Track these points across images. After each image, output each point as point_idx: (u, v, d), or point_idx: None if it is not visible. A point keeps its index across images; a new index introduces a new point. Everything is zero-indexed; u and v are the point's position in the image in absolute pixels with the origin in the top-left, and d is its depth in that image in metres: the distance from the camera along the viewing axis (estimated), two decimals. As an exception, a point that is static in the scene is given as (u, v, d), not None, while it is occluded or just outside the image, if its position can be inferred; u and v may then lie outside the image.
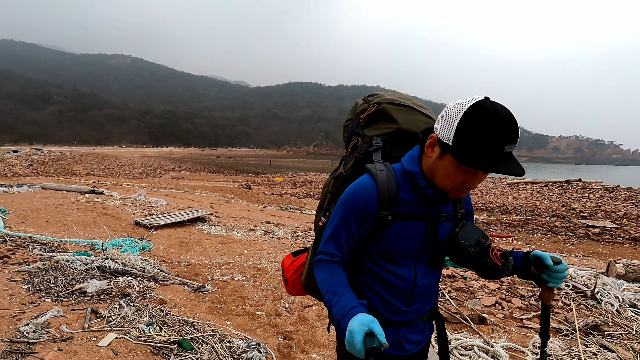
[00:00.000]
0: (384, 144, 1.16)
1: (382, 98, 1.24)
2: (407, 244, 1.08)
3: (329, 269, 1.05)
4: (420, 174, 1.04)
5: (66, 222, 6.47)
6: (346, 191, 1.09)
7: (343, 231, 1.07)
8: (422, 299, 1.16)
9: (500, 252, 1.06)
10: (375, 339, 0.81)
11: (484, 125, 0.87)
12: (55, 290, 3.23)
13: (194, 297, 3.56)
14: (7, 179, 14.94)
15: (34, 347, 2.34)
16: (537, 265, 1.06)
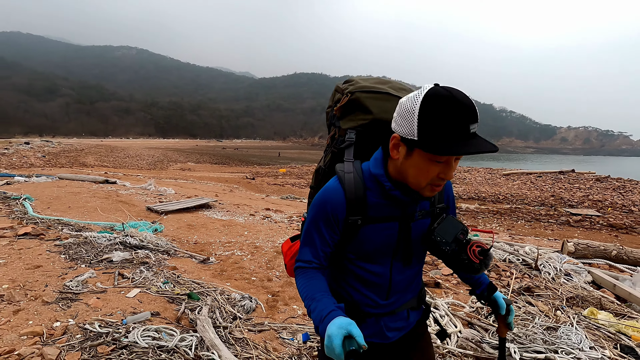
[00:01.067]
0: (358, 137, 1.12)
1: (357, 86, 1.19)
2: (382, 243, 1.07)
3: (306, 276, 1.05)
4: (384, 176, 1.01)
5: (86, 207, 7.23)
6: (316, 196, 1.08)
7: (316, 237, 1.06)
8: (400, 292, 1.16)
9: (480, 249, 1.02)
10: (354, 341, 0.82)
11: (445, 110, 0.85)
12: (87, 259, 3.97)
13: (200, 267, 4.27)
14: (25, 169, 15.81)
15: (78, 296, 3.06)
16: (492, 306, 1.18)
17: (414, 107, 0.88)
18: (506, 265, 4.42)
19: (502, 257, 4.61)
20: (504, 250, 4.87)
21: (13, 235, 4.76)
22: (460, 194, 14.00)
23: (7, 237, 4.64)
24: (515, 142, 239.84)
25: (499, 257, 4.62)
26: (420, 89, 0.90)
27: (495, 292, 1.17)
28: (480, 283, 1.23)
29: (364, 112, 1.13)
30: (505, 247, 5.00)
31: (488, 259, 1.02)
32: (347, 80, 1.26)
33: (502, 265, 4.38)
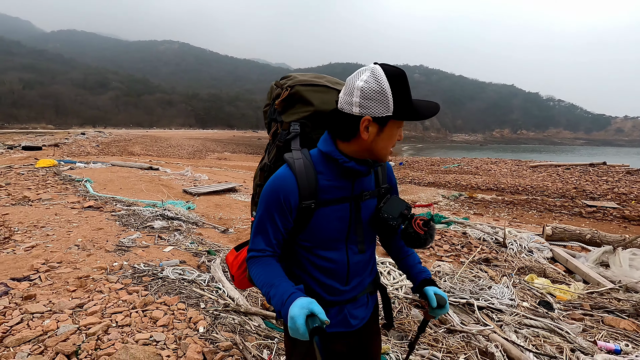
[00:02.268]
0: (302, 128, 1.15)
1: (295, 80, 1.23)
2: (335, 227, 1.10)
3: (261, 263, 1.06)
4: (336, 151, 1.04)
5: (134, 189, 8.57)
6: (266, 185, 1.08)
7: (269, 226, 1.06)
8: (359, 275, 1.19)
9: (423, 221, 1.10)
10: (316, 318, 0.85)
11: (405, 84, 0.97)
12: (135, 225, 5.11)
13: (220, 235, 5.30)
14: (83, 157, 17.97)
15: (129, 249, 4.15)
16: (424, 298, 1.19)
17: (383, 87, 0.95)
18: (479, 242, 5.05)
19: (478, 236, 5.23)
20: (482, 231, 5.47)
21: (80, 207, 6.07)
22: (479, 185, 14.20)
23: (76, 208, 5.94)
24: (563, 133, 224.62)
25: (475, 236, 5.25)
26: (373, 69, 0.97)
27: (426, 287, 1.19)
28: (415, 278, 1.25)
29: (305, 104, 1.17)
30: (485, 229, 5.59)
31: (432, 229, 1.10)
32: (285, 76, 1.31)
33: (475, 242, 5.02)
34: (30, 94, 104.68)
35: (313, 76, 1.25)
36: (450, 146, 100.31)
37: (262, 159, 1.29)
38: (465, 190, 13.60)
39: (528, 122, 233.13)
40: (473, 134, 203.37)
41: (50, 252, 3.85)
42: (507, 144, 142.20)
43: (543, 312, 3.10)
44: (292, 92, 1.18)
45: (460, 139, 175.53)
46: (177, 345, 2.32)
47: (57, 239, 4.28)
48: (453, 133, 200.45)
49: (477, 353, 2.47)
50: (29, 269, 3.37)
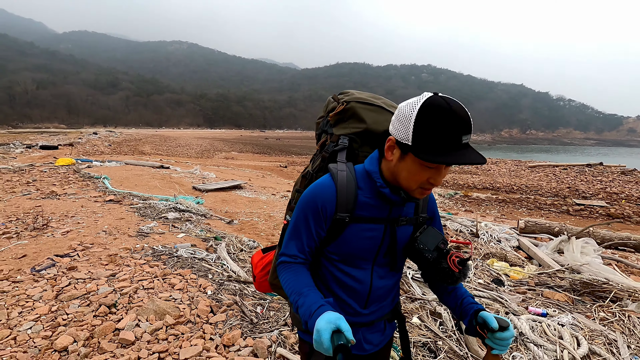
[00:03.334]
0: (351, 143, 1.16)
1: (352, 97, 1.23)
2: (365, 246, 1.08)
3: (292, 270, 1.06)
4: (377, 173, 1.04)
5: (148, 186, 9.32)
6: (306, 191, 1.08)
7: (303, 231, 1.07)
8: (380, 301, 1.17)
9: (459, 259, 1.05)
10: (342, 335, 0.83)
11: (439, 120, 0.88)
12: (152, 216, 5.82)
13: (226, 225, 5.98)
14: (97, 156, 18.88)
15: (148, 235, 4.85)
16: (482, 327, 1.02)
17: (411, 113, 0.91)
18: (455, 233, 5.65)
19: (456, 228, 5.83)
20: (461, 224, 6.06)
21: (102, 201, 6.81)
22: (476, 184, 14.71)
23: (99, 202, 6.68)
24: (574, 134, 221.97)
25: (453, 228, 5.85)
26: (421, 96, 0.93)
27: (482, 312, 1.03)
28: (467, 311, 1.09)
29: (358, 120, 1.18)
30: (465, 222, 6.18)
31: (466, 269, 1.05)
32: (343, 91, 1.31)
33: (452, 233, 5.62)
34: (43, 94, 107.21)
35: (370, 96, 1.27)
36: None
37: (306, 168, 1.29)
38: (461, 189, 14.12)
39: (537, 122, 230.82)
40: (481, 134, 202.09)
41: (83, 236, 4.56)
42: (516, 144, 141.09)
43: (494, 287, 3.70)
44: (347, 107, 1.20)
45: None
46: (190, 301, 2.99)
47: (87, 226, 5.01)
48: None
49: (428, 313, 3.09)
50: (68, 248, 4.08)
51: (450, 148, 0.89)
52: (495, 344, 0.99)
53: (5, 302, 2.87)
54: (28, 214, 5.59)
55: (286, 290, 1.03)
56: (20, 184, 8.36)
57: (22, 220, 5.26)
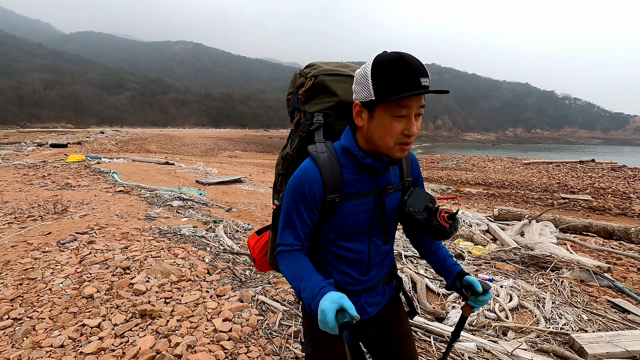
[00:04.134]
0: (326, 119, 1.15)
1: (319, 69, 1.20)
2: (358, 221, 1.10)
3: (291, 258, 1.07)
4: (355, 147, 1.04)
5: (154, 179, 9.96)
6: (291, 178, 1.08)
7: (296, 219, 1.08)
8: (378, 266, 1.21)
9: (448, 214, 1.09)
10: (346, 313, 0.85)
11: (393, 67, 0.91)
12: (158, 203, 6.44)
13: (225, 212, 6.58)
14: (105, 153, 19.62)
15: (155, 219, 5.46)
16: (467, 289, 1.13)
17: (366, 71, 0.95)
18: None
19: (434, 215, 6.38)
20: (439, 211, 6.60)
21: (113, 191, 7.45)
22: (469, 180, 15.20)
23: (110, 192, 7.32)
24: (579, 133, 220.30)
25: (431, 215, 6.40)
26: (371, 57, 0.96)
27: (466, 276, 1.14)
28: (449, 272, 1.21)
29: (329, 94, 1.16)
30: (443, 210, 6.72)
31: (456, 222, 1.09)
32: (309, 64, 1.27)
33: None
34: (50, 94, 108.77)
35: (337, 65, 1.24)
36: (462, 145, 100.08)
37: (284, 147, 1.28)
38: (455, 184, 14.62)
39: (543, 121, 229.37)
40: (486, 133, 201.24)
41: (98, 219, 5.19)
42: (520, 143, 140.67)
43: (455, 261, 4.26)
44: (316, 81, 1.17)
45: (472, 138, 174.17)
46: (190, 266, 3.59)
47: (101, 211, 5.64)
48: (465, 132, 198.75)
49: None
50: (86, 227, 4.70)
51: (409, 85, 0.91)
52: (475, 304, 1.12)
53: (39, 266, 3.49)
54: (48, 201, 6.24)
55: (288, 278, 1.05)
56: (36, 178, 9.04)
57: (43, 206, 5.90)
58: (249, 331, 2.52)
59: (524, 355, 2.45)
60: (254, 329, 2.55)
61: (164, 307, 2.75)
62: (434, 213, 1.10)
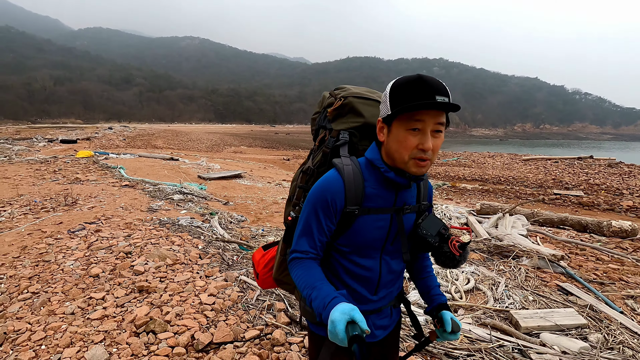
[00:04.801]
0: (351, 138, 1.20)
1: (349, 92, 1.27)
2: (374, 236, 1.12)
3: (304, 266, 1.08)
4: (380, 160, 1.08)
5: (158, 174, 10.46)
6: (314, 186, 1.11)
7: (314, 227, 1.09)
8: (388, 287, 1.22)
9: (459, 244, 1.12)
10: (357, 326, 0.85)
11: (409, 85, 0.97)
12: (160, 197, 6.92)
13: (222, 205, 7.04)
14: (113, 149, 20.24)
15: (157, 211, 5.92)
16: (439, 322, 1.18)
17: (387, 91, 1.03)
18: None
19: (418, 209, 6.77)
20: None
21: (119, 186, 7.95)
22: (466, 176, 15.47)
23: (116, 186, 7.82)
24: (589, 128, 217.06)
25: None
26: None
27: (444, 311, 1.19)
28: (432, 300, 1.26)
29: (356, 115, 1.22)
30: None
31: (466, 252, 1.13)
32: (338, 87, 1.35)
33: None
34: (60, 90, 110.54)
35: (366, 90, 1.31)
36: (469, 141, 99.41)
37: (305, 162, 1.33)
38: (451, 180, 14.92)
39: (552, 116, 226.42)
40: (493, 129, 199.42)
41: (105, 210, 5.67)
42: (529, 139, 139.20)
43: (427, 250, 4.66)
44: (345, 102, 1.23)
45: (479, 133, 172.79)
46: (185, 251, 4.04)
47: (107, 204, 6.12)
48: (472, 127, 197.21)
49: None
50: (94, 218, 5.18)
51: (422, 98, 0.95)
52: (441, 336, 1.18)
53: (52, 250, 3.96)
54: (59, 194, 6.75)
55: (299, 286, 1.06)
56: (48, 172, 9.59)
57: (54, 199, 6.41)
58: (230, 304, 2.95)
59: (465, 327, 2.85)
60: (234, 303, 2.98)
61: (159, 285, 3.20)
62: (446, 240, 1.13)
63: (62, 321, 2.63)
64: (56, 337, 2.44)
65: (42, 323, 2.61)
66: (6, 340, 2.44)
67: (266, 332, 2.60)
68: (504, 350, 2.61)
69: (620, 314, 3.13)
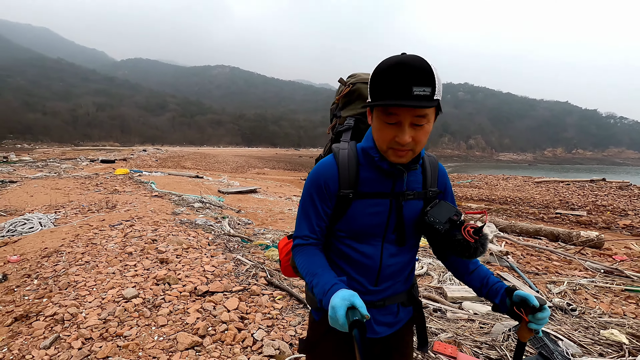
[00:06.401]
0: (357, 124, 1.17)
1: (358, 78, 1.24)
2: (371, 222, 1.08)
3: (306, 253, 1.08)
4: (373, 149, 1.04)
5: (184, 189, 11.80)
6: (310, 172, 1.11)
7: (311, 211, 1.09)
8: (391, 279, 1.15)
9: (474, 229, 1.02)
10: (357, 311, 0.84)
11: (387, 71, 0.90)
12: (183, 204, 8.12)
13: (235, 213, 8.14)
14: (146, 168, 22.21)
15: (178, 215, 7.08)
16: (521, 306, 1.01)
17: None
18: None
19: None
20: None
21: (150, 196, 9.27)
22: (473, 196, 15.95)
23: (147, 196, 9.15)
24: (627, 153, 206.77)
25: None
26: None
27: (517, 291, 1.03)
28: (496, 291, 1.09)
29: (363, 101, 1.19)
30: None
31: (484, 238, 1.02)
32: (351, 74, 1.32)
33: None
34: (101, 116, 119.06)
35: None
36: (495, 165, 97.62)
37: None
38: (458, 200, 15.46)
39: (585, 141, 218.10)
40: (522, 153, 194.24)
41: (138, 212, 6.89)
42: (559, 164, 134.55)
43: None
44: (353, 89, 1.21)
45: (507, 158, 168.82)
46: (197, 240, 5.10)
47: (140, 208, 7.36)
48: (500, 152, 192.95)
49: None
50: (129, 217, 6.39)
51: (398, 97, 0.89)
52: (536, 324, 0.99)
53: (98, 237, 5.13)
54: (101, 201, 8.09)
55: (301, 272, 1.05)
56: (91, 185, 11.14)
57: (97, 204, 7.74)
58: (225, 273, 3.94)
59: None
60: (229, 272, 3.97)
61: (175, 259, 4.25)
62: (459, 227, 1.05)
63: (106, 277, 3.71)
64: (102, 284, 3.52)
65: (93, 277, 3.69)
66: (69, 285, 3.53)
67: (248, 289, 3.56)
68: (427, 311, 3.43)
69: (536, 292, 3.85)
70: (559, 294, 3.81)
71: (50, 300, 3.20)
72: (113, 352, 2.41)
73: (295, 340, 2.66)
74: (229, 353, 2.46)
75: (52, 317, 2.87)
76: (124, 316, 2.90)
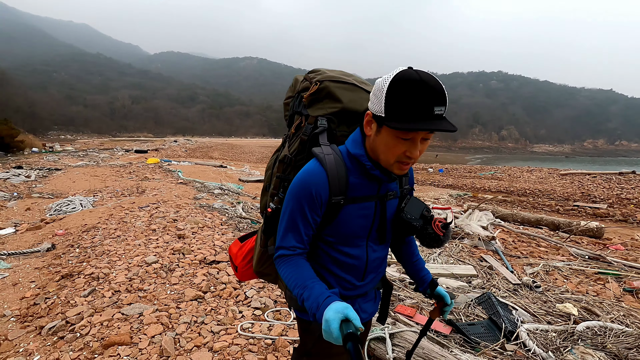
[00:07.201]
0: (329, 124, 1.15)
1: (325, 75, 1.21)
2: (359, 224, 1.12)
3: (292, 264, 1.06)
4: (365, 157, 1.05)
5: (208, 177, 12.66)
6: (295, 179, 1.07)
7: (300, 221, 1.06)
8: (374, 272, 1.23)
9: (442, 224, 1.13)
10: (350, 324, 0.85)
11: (408, 90, 0.90)
12: (204, 190, 8.88)
13: (251, 199, 8.80)
14: (176, 158, 23.53)
15: (199, 199, 7.81)
16: (437, 300, 1.28)
17: (384, 85, 0.93)
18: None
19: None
20: (416, 204, 8.12)
21: (176, 183, 10.12)
22: (491, 188, 15.84)
23: (174, 183, 10.01)
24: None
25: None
26: (394, 70, 0.95)
27: (437, 287, 1.26)
28: (423, 281, 1.32)
29: (333, 100, 1.16)
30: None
31: (449, 232, 1.15)
32: (313, 70, 1.28)
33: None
34: (136, 108, 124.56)
35: (341, 73, 1.25)
36: (529, 157, 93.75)
37: (279, 149, 1.30)
38: (474, 191, 15.44)
39: (630, 132, 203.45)
40: (559, 145, 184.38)
41: (163, 197, 7.69)
42: (600, 156, 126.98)
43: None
44: (321, 87, 1.16)
45: (542, 150, 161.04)
46: (212, 221, 5.76)
47: (166, 193, 8.17)
48: (534, 144, 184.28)
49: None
50: (156, 201, 7.17)
51: (420, 118, 0.90)
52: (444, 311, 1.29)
53: (128, 216, 5.91)
54: (133, 187, 8.99)
55: (288, 284, 1.04)
56: (125, 173, 12.21)
57: (129, 189, 8.63)
58: (232, 247, 4.56)
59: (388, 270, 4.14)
60: (235, 247, 4.58)
61: (191, 235, 4.92)
62: (429, 221, 1.14)
63: (133, 247, 4.42)
64: (130, 253, 4.22)
65: (122, 247, 4.41)
66: (104, 253, 4.26)
67: (249, 260, 4.15)
68: (403, 283, 3.88)
69: (511, 272, 4.19)
70: (531, 274, 4.13)
71: (88, 264, 3.92)
72: (135, 300, 3.06)
73: (281, 299, 3.21)
74: (224, 304, 3.05)
75: (89, 275, 3.58)
76: (145, 276, 3.56)
